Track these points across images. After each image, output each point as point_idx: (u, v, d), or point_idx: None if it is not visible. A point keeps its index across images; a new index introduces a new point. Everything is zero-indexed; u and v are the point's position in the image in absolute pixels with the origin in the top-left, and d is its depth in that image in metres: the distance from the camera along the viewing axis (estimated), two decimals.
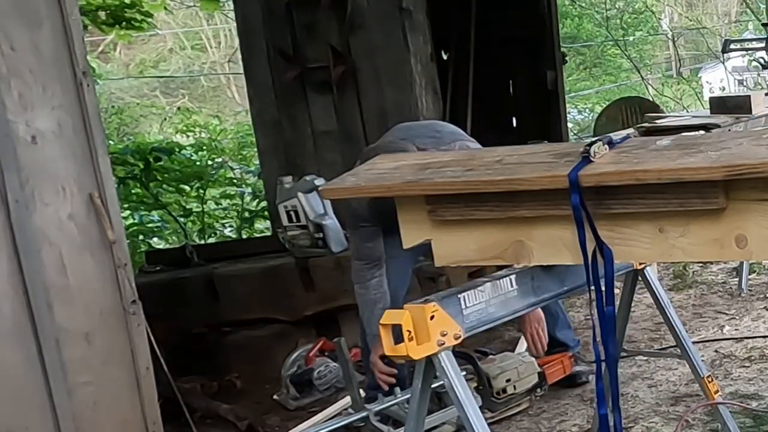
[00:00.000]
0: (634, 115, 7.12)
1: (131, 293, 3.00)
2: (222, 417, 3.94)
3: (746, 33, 15.03)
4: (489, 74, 6.77)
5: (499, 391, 3.19)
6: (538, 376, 3.31)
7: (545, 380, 3.35)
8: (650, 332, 4.47)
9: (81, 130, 2.90)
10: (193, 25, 17.33)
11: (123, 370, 3.02)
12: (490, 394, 3.17)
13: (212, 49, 17.75)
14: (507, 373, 3.22)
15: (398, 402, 3.17)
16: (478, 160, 2.12)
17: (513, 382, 3.25)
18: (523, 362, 3.29)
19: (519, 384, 3.27)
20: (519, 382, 3.27)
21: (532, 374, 3.30)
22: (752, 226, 1.77)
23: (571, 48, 15.13)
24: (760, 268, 5.25)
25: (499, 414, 3.31)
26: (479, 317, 2.03)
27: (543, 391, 3.37)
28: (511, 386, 3.24)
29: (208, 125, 10.76)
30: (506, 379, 3.22)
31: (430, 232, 2.10)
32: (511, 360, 3.32)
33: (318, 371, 4.11)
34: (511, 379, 3.24)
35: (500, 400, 3.21)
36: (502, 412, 3.30)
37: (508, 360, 3.30)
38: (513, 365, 3.26)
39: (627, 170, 1.81)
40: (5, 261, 2.75)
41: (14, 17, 2.76)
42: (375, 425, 3.15)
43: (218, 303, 4.63)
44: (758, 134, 1.91)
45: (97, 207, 2.92)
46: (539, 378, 3.32)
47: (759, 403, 3.45)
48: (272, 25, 5.29)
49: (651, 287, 2.65)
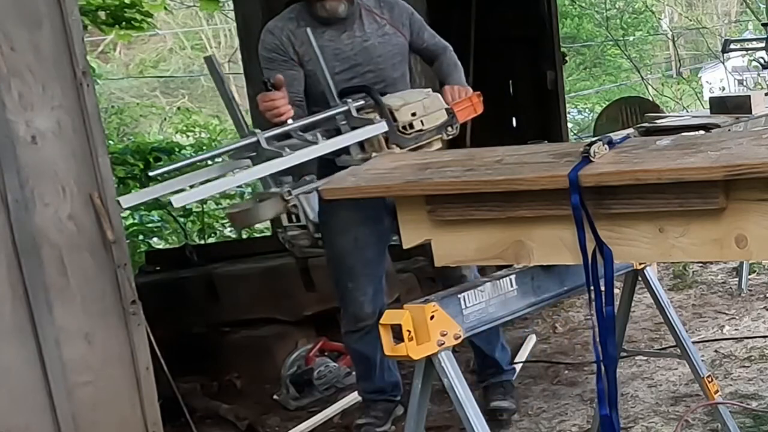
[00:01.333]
0: (634, 115, 7.12)
1: (131, 293, 3.00)
2: (222, 417, 3.94)
3: (746, 33, 15.03)
4: (489, 74, 6.78)
5: (405, 126, 2.98)
6: (446, 113, 3.09)
7: (455, 117, 3.14)
8: (650, 332, 4.47)
9: (81, 130, 2.90)
10: (193, 25, 17.33)
11: (123, 370, 3.02)
12: (396, 128, 2.98)
13: (212, 49, 17.72)
14: (410, 105, 3.00)
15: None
16: (478, 160, 2.12)
17: (420, 117, 2.99)
18: (428, 96, 3.11)
19: (426, 120, 3.07)
20: (426, 117, 3.06)
21: (440, 110, 3.09)
22: (752, 226, 1.77)
23: (571, 48, 15.13)
24: (760, 268, 5.25)
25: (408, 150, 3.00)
26: (479, 317, 2.03)
27: (454, 130, 3.13)
28: (418, 121, 3.04)
29: (208, 125, 10.77)
30: (411, 113, 3.01)
31: (430, 232, 2.10)
32: (414, 94, 3.14)
33: (318, 371, 4.11)
34: (416, 113, 2.99)
35: (408, 135, 3.02)
36: (413, 149, 2.99)
37: (410, 94, 3.13)
38: (416, 98, 3.07)
39: (627, 170, 1.81)
40: (5, 261, 2.75)
41: (14, 17, 2.76)
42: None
43: (218, 303, 4.62)
44: (758, 134, 1.91)
45: (97, 207, 2.92)
46: (448, 115, 3.10)
47: (759, 403, 3.46)
48: None
49: (651, 287, 2.66)
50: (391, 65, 3.28)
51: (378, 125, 2.68)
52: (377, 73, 3.22)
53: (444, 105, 3.07)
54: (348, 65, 3.18)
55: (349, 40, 3.20)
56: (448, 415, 3.54)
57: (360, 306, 3.35)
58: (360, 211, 3.18)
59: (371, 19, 3.25)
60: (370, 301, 3.35)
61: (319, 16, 3.16)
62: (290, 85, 3.08)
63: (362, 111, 2.84)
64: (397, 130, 2.90)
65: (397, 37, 3.30)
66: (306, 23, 3.13)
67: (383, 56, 3.25)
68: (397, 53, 3.30)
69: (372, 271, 3.38)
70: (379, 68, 3.24)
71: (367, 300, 3.35)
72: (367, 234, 3.31)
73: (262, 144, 2.45)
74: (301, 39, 3.12)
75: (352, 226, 3.26)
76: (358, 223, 3.25)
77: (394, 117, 2.88)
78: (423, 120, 2.98)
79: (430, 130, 3.00)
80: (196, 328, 4.55)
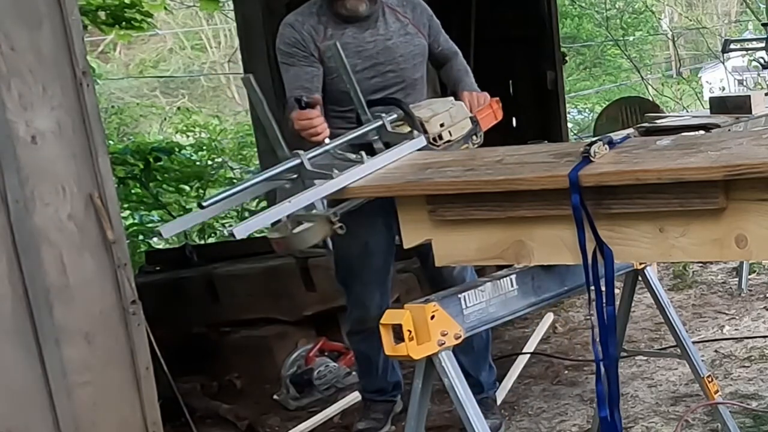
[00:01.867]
0: (634, 115, 7.12)
1: (131, 293, 2.99)
2: (222, 417, 3.94)
3: (746, 33, 15.03)
4: (489, 74, 6.77)
5: (435, 137, 3.00)
6: (471, 122, 3.12)
7: (479, 125, 3.16)
8: (650, 332, 4.47)
9: (81, 130, 2.90)
10: (193, 25, 17.33)
11: (123, 370, 3.02)
12: (428, 140, 2.99)
13: (212, 49, 17.75)
14: (439, 116, 3.02)
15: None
16: (479, 160, 2.13)
17: (447, 127, 3.04)
18: (453, 105, 3.13)
19: (454, 130, 3.07)
20: (453, 127, 3.07)
21: (465, 119, 3.11)
22: (752, 226, 1.77)
23: (571, 48, 15.13)
24: (760, 268, 5.25)
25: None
26: (479, 317, 2.03)
27: (479, 138, 3.16)
28: (447, 132, 3.04)
29: (208, 125, 10.78)
30: (440, 124, 3.03)
31: (431, 232, 2.10)
32: (440, 103, 3.15)
33: (318, 371, 4.11)
34: (444, 123, 3.04)
35: (438, 146, 3.03)
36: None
37: (436, 104, 3.14)
38: (443, 108, 3.08)
39: (627, 170, 1.81)
40: (5, 261, 2.75)
41: (14, 17, 2.75)
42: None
43: (218, 303, 4.62)
44: (758, 134, 1.91)
45: (97, 207, 2.92)
46: (472, 123, 3.13)
47: (759, 403, 3.45)
48: (272, 25, 5.28)
49: (651, 287, 2.66)
50: (412, 66, 3.24)
51: (418, 140, 2.63)
52: (398, 73, 3.19)
53: (468, 114, 3.05)
54: (370, 63, 3.13)
55: (372, 38, 3.15)
56: (448, 415, 3.54)
57: (366, 310, 3.35)
58: (371, 218, 3.12)
59: (394, 18, 3.20)
60: (378, 305, 3.32)
61: (339, 14, 3.10)
62: (309, 81, 3.05)
63: (393, 124, 2.78)
64: (429, 142, 2.89)
65: (419, 38, 3.25)
66: (327, 19, 3.08)
67: (405, 56, 3.21)
68: (418, 54, 3.26)
69: (380, 277, 3.37)
70: (400, 68, 3.19)
71: (374, 305, 3.34)
72: (378, 241, 3.29)
73: (306, 166, 2.37)
74: (322, 34, 3.08)
75: (363, 232, 3.19)
76: (369, 229, 3.21)
77: (424, 128, 2.83)
78: (451, 130, 2.95)
79: (458, 140, 2.97)
80: (196, 328, 4.55)
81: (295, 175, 2.33)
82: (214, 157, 8.51)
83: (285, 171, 2.33)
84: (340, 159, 2.49)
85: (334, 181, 2.24)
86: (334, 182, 2.25)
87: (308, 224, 2.19)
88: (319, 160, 2.44)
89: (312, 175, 2.33)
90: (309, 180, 2.34)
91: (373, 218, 3.13)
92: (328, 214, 2.24)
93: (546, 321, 4.65)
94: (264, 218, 2.10)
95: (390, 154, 2.44)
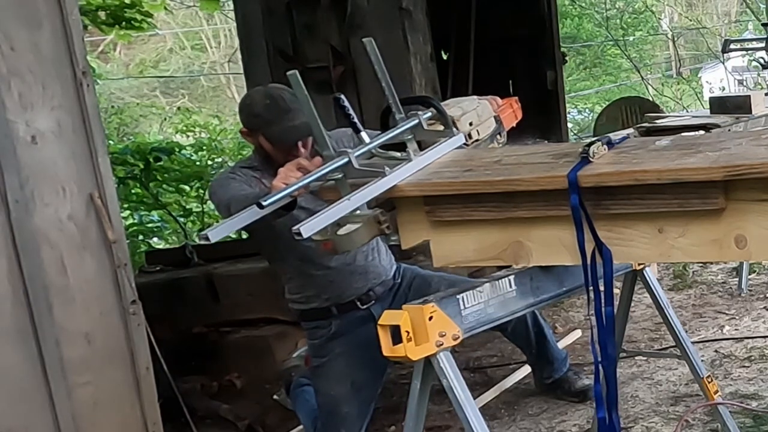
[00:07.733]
0: (634, 115, 7.12)
1: (131, 293, 3.00)
2: (222, 417, 3.94)
3: (746, 33, 15.02)
4: (489, 74, 6.78)
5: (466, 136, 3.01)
6: (495, 121, 3.13)
7: (502, 125, 3.16)
8: (650, 332, 4.47)
9: (81, 130, 2.90)
10: (193, 25, 17.34)
11: (123, 370, 3.02)
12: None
13: (212, 49, 17.76)
14: (468, 115, 3.02)
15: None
16: (477, 160, 2.12)
17: (476, 126, 3.04)
18: (480, 104, 3.12)
19: (481, 129, 3.07)
20: (480, 126, 3.07)
21: (490, 118, 3.11)
22: (751, 226, 1.77)
23: (571, 48, 15.13)
24: (760, 268, 5.25)
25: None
26: (478, 318, 2.03)
27: (503, 138, 3.16)
28: (475, 131, 3.03)
29: (208, 125, 10.77)
30: (469, 122, 3.04)
31: (429, 232, 2.10)
32: (468, 102, 3.14)
33: None
34: (473, 122, 3.04)
35: (468, 146, 3.04)
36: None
37: (465, 102, 3.12)
38: (471, 107, 3.08)
39: (626, 171, 1.81)
40: (5, 261, 2.75)
41: (14, 17, 2.76)
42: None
43: (218, 303, 4.63)
44: (758, 134, 1.91)
45: (97, 207, 2.92)
46: (496, 122, 3.13)
47: (759, 403, 3.45)
48: (272, 25, 5.30)
49: (650, 288, 2.65)
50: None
51: (457, 137, 2.61)
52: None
53: (492, 112, 3.00)
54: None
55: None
56: (447, 415, 3.54)
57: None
58: (358, 350, 3.06)
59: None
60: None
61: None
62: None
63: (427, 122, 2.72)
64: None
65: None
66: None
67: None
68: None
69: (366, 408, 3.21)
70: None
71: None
72: (366, 375, 3.17)
73: (354, 164, 2.35)
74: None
75: (348, 371, 3.13)
76: (355, 365, 3.13)
77: (455, 125, 2.83)
78: (479, 129, 2.90)
79: (485, 139, 2.92)
80: (196, 328, 4.56)
81: (339, 175, 2.31)
82: (214, 157, 8.50)
83: (332, 170, 2.31)
84: (382, 158, 2.47)
85: (387, 179, 2.22)
86: (387, 179, 2.22)
87: (354, 225, 2.18)
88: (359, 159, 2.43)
89: (359, 173, 2.31)
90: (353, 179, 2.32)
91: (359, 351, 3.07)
92: (376, 213, 2.22)
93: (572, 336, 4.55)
94: (328, 215, 2.08)
95: (433, 152, 2.43)
